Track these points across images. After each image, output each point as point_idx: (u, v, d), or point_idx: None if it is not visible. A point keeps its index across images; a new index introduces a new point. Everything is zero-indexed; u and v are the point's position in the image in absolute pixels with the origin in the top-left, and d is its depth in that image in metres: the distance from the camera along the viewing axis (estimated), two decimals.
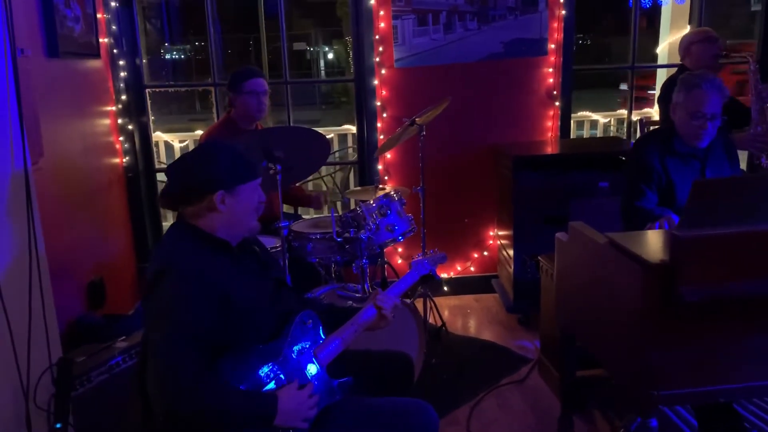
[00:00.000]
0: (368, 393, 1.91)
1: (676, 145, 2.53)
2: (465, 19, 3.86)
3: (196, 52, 18.71)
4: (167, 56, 18.95)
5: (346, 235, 2.83)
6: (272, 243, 2.88)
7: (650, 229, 2.35)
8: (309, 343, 1.79)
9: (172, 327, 1.53)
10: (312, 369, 1.76)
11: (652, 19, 7.59)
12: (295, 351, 1.74)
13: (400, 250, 4.21)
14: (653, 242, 1.91)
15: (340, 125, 6.00)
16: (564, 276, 2.33)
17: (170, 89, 5.84)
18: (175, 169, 1.78)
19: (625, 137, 4.74)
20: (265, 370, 1.65)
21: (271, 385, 1.64)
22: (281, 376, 1.67)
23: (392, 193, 3.01)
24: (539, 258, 3.06)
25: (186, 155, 1.83)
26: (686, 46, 3.45)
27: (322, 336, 1.84)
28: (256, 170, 1.81)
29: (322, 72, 20.00)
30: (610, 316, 1.93)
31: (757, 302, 1.71)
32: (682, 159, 2.54)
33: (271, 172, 2.50)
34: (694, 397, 1.78)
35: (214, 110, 4.23)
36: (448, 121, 3.91)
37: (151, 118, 4.19)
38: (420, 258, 2.22)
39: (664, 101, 3.20)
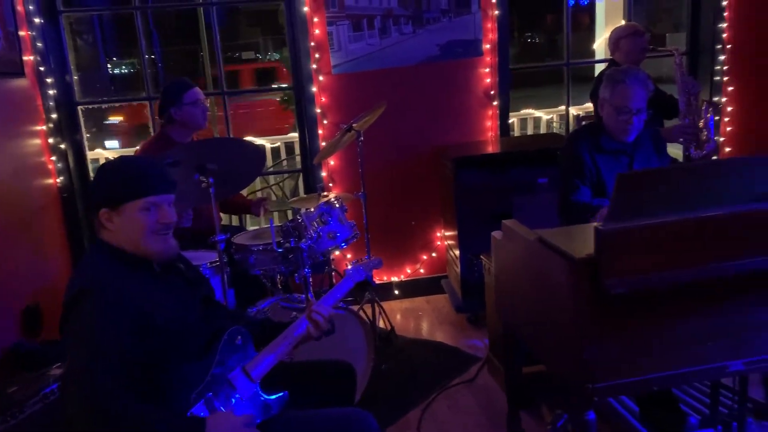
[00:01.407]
0: (310, 405, 1.88)
1: (603, 142, 2.58)
2: (400, 23, 3.87)
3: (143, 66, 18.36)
4: (116, 71, 18.56)
5: (287, 245, 2.80)
6: (211, 257, 2.82)
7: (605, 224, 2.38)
8: (239, 360, 1.75)
9: (89, 351, 1.48)
10: (243, 386, 1.72)
11: (594, 15, 7.78)
12: (225, 369, 1.70)
13: (348, 256, 4.19)
14: (581, 237, 1.93)
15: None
16: (501, 274, 2.34)
17: (104, 105, 5.71)
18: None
19: (564, 133, 4.82)
20: (192, 392, 1.60)
21: (200, 407, 1.60)
22: (210, 396, 1.63)
23: (333, 200, 2.99)
24: (482, 257, 3.08)
25: None
26: (615, 41, 3.52)
27: (254, 352, 1.80)
28: (151, 187, 1.71)
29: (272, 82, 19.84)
30: (544, 312, 1.95)
31: (684, 290, 1.75)
32: (610, 155, 2.58)
33: (204, 185, 2.46)
34: (628, 387, 1.81)
35: (150, 124, 4.14)
36: (390, 125, 3.91)
37: (86, 135, 4.08)
38: (354, 265, 2.20)
39: (595, 97, 3.27)
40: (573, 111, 4.86)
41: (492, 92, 4.04)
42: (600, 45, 5.18)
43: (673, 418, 2.10)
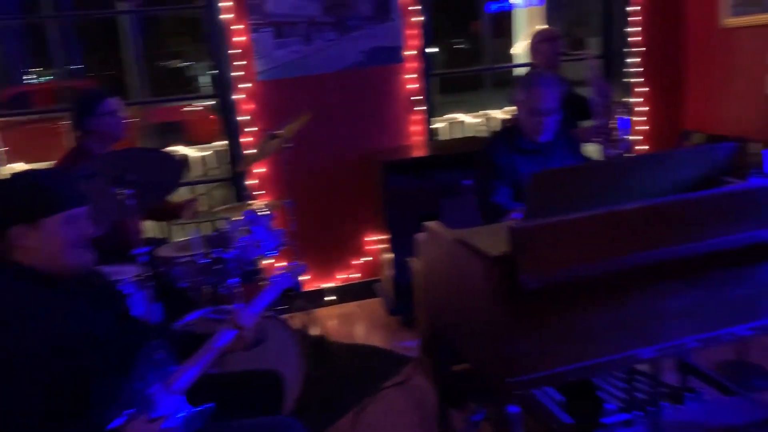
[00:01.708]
0: (238, 416, 1.87)
1: (520, 143, 2.66)
2: (324, 30, 3.88)
3: (75, 76, 17.68)
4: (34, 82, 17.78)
5: (212, 255, 2.76)
6: (134, 271, 2.75)
7: (517, 222, 2.46)
8: (160, 375, 1.71)
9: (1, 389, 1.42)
10: (165, 401, 1.69)
11: (512, 21, 7.99)
12: (145, 385, 1.66)
13: (281, 264, 4.15)
14: (498, 236, 1.98)
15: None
16: (426, 275, 2.38)
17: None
18: None
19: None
20: (112, 409, 1.56)
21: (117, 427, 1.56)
22: (132, 412, 1.59)
23: (259, 208, 2.97)
24: (410, 259, 3.12)
25: None
26: (534, 45, 3.63)
27: (175, 366, 1.77)
28: (71, 200, 1.67)
29: (203, 89, 19.46)
30: (465, 310, 1.99)
31: (596, 283, 1.82)
32: (527, 155, 2.67)
33: (120, 197, 2.40)
34: (546, 380, 1.87)
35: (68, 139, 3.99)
36: (318, 131, 3.92)
37: (4, 148, 3.90)
38: (278, 272, 2.19)
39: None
40: (499, 114, 4.99)
41: (417, 97, 4.11)
42: (520, 49, 5.34)
43: (592, 405, 2.18)
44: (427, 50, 4.08)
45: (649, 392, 2.27)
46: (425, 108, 4.13)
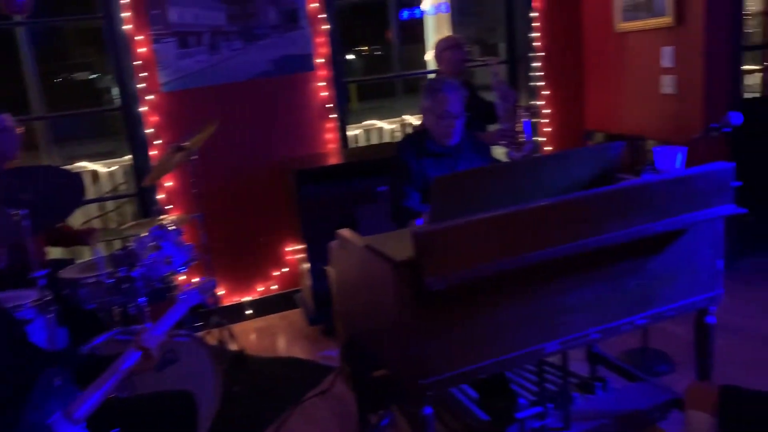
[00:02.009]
0: None
1: (429, 146, 2.72)
2: (230, 39, 3.82)
3: None
4: None
5: (118, 274, 2.66)
6: (34, 296, 2.60)
7: (419, 226, 2.49)
8: (60, 402, 1.63)
9: None
10: (65, 430, 1.61)
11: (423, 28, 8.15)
12: (43, 414, 1.58)
13: (196, 280, 4.05)
14: (406, 240, 2.01)
15: None
16: (340, 282, 2.38)
17: None
18: None
19: None
20: None
21: None
22: None
23: (167, 223, 2.89)
24: (327, 268, 3.11)
25: None
26: (439, 53, 3.72)
27: (77, 392, 1.69)
28: None
29: (117, 100, 18.74)
30: (377, 315, 2.00)
31: (500, 281, 1.87)
32: (436, 158, 2.72)
33: (16, 218, 2.27)
34: (458, 378, 1.90)
35: None
36: (228, 141, 3.86)
37: None
38: (186, 288, 2.14)
39: None
40: (414, 120, 5.06)
41: (330, 105, 4.11)
42: (431, 56, 5.43)
43: (506, 400, 2.24)
44: (341, 57, 4.09)
45: (559, 384, 2.35)
46: (338, 115, 4.13)
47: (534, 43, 4.57)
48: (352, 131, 6.41)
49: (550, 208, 1.87)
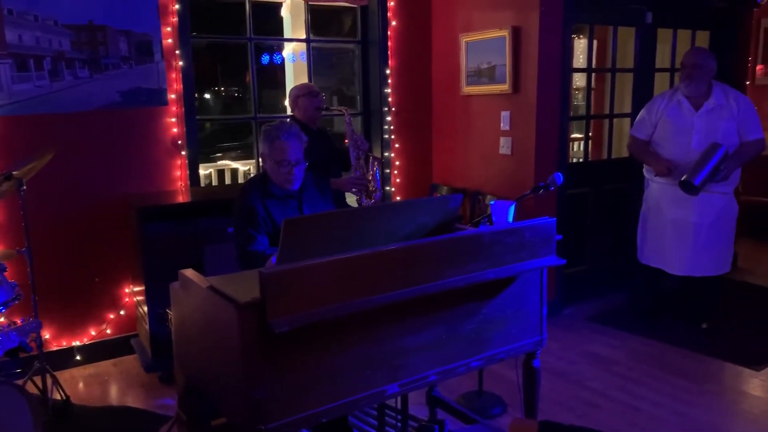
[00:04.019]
0: None
1: (273, 189, 2.72)
2: (74, 67, 3.62)
3: None
4: None
5: None
6: None
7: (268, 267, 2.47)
8: None
9: None
10: None
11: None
12: None
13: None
14: (252, 282, 1.99)
15: None
16: (180, 325, 2.29)
17: None
18: None
19: None
20: None
21: None
22: None
23: None
24: (168, 310, 2.97)
25: None
26: (294, 99, 3.76)
27: None
28: None
29: None
30: (219, 360, 1.95)
31: (343, 324, 1.90)
32: (280, 200, 2.72)
33: None
34: (301, 423, 1.88)
35: None
36: (66, 173, 3.62)
37: None
38: (4, 330, 1.95)
39: None
40: None
41: (180, 142, 4.00)
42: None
43: None
44: (195, 94, 4.01)
45: (399, 427, 2.41)
46: (188, 153, 4.02)
47: (388, 99, 4.79)
48: (205, 170, 6.27)
49: (393, 253, 1.95)
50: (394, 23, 4.74)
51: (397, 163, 4.91)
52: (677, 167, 3.82)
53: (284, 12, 5.71)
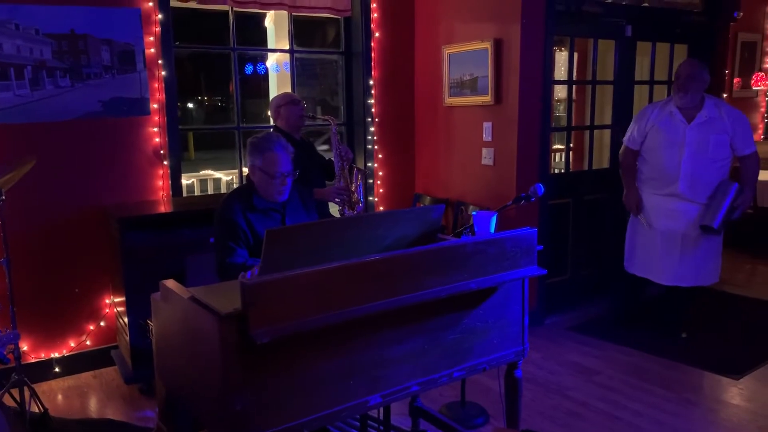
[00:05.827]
0: None
1: (256, 202, 2.71)
2: (55, 76, 3.59)
3: None
4: None
5: None
6: None
7: (243, 279, 2.45)
8: None
9: None
10: None
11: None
12: None
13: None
14: (234, 292, 1.98)
15: None
16: (161, 336, 2.27)
17: None
18: None
19: None
20: None
21: None
22: None
23: None
24: (149, 321, 2.95)
25: None
26: (276, 108, 3.75)
27: None
28: None
29: None
30: (201, 371, 1.93)
31: (326, 334, 1.90)
32: (263, 213, 2.71)
33: None
34: None
35: None
36: (46, 183, 3.58)
37: None
38: None
39: None
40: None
41: (162, 152, 3.98)
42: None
43: None
44: (177, 104, 4.00)
45: None
46: (170, 163, 4.01)
47: (371, 109, 4.81)
48: (187, 180, 6.24)
49: (376, 264, 1.95)
50: (377, 34, 4.77)
51: (380, 173, 4.93)
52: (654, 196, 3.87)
53: (268, 22, 5.73)
